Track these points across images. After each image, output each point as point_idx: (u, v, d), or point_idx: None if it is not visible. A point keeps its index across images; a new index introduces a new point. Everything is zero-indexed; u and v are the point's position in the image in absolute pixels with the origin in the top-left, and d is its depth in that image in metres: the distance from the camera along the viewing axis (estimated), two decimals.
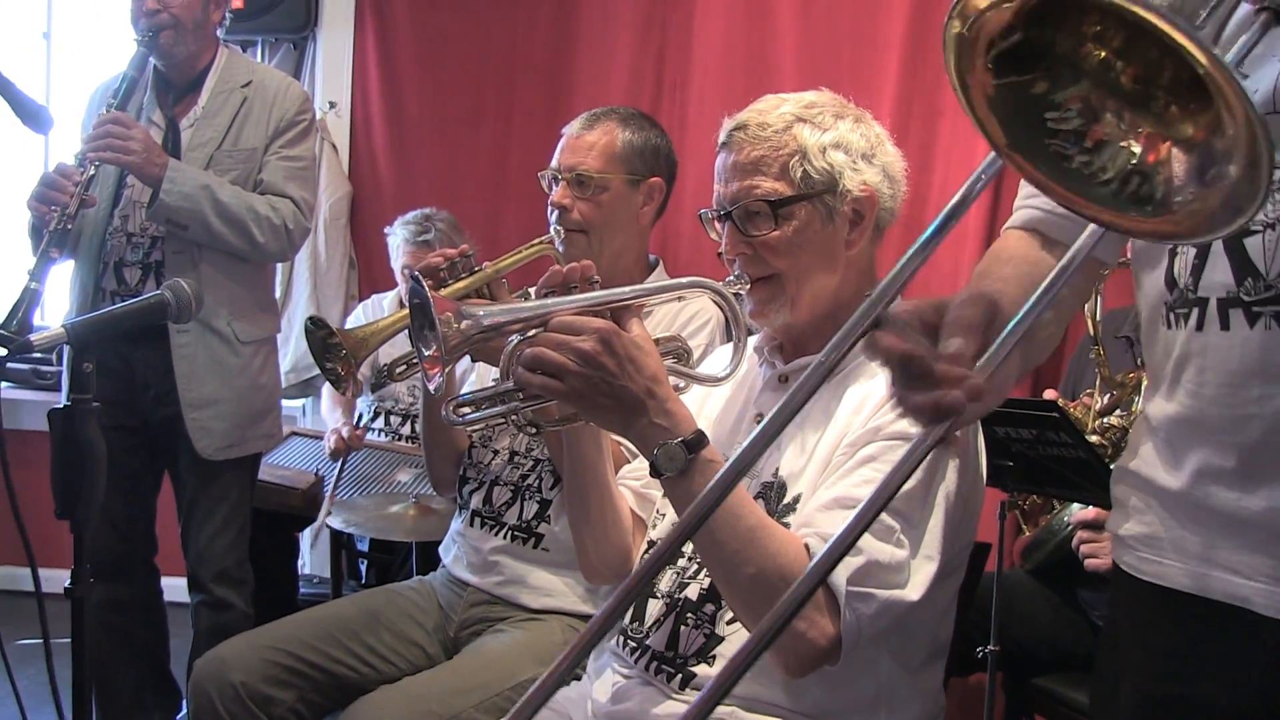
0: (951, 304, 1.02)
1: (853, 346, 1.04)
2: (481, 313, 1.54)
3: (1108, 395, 2.53)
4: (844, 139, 1.68)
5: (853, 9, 3.56)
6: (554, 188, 2.32)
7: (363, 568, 3.90)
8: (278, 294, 4.33)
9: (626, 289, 1.60)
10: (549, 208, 2.31)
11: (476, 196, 4.44)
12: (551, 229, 2.29)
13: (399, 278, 3.96)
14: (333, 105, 4.67)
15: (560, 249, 2.29)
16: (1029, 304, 0.99)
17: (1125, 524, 1.32)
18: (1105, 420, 2.45)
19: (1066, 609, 2.63)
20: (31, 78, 4.90)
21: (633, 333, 1.55)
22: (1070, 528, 2.46)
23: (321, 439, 3.64)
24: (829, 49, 3.61)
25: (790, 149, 1.67)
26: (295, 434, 3.79)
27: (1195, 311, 1.19)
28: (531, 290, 2.14)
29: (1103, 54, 0.83)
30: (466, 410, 1.62)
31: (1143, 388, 2.49)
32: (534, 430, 1.68)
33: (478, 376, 2.47)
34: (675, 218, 3.55)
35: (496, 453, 2.37)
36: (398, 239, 3.88)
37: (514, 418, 1.61)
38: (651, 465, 1.51)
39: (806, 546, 1.48)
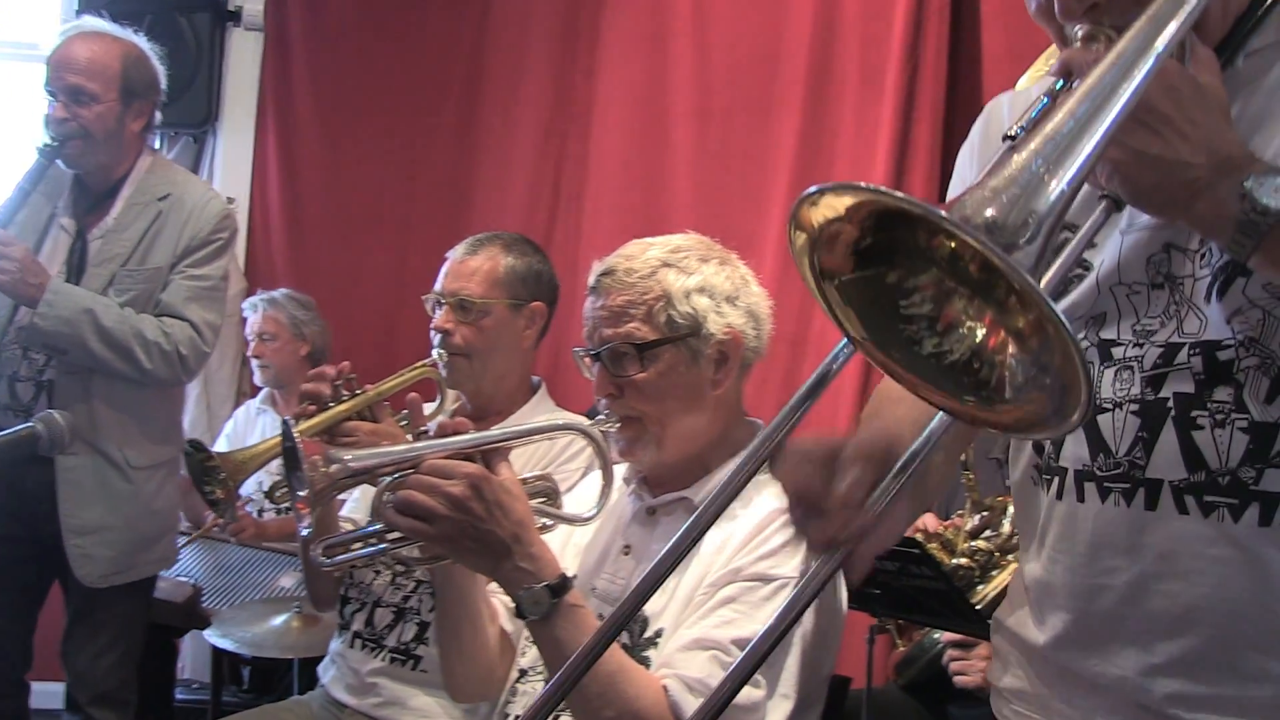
0: (849, 441, 1.08)
1: (727, 503, 1.14)
2: (350, 457, 1.58)
3: (978, 517, 2.62)
4: (708, 283, 1.76)
5: (746, 128, 3.70)
6: (437, 312, 2.37)
7: (245, 674, 3.82)
8: None
9: (496, 432, 1.66)
10: (432, 331, 2.36)
11: (375, 299, 4.46)
12: (434, 352, 2.34)
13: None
14: (231, 201, 4.65)
15: (443, 372, 2.33)
16: (914, 446, 1.05)
17: (1003, 677, 1.34)
18: (973, 544, 2.54)
19: None
20: None
21: (501, 476, 1.60)
22: (941, 645, 2.54)
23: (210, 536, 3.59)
24: (722, 166, 3.73)
25: (655, 294, 1.74)
26: (178, 533, 3.71)
27: (1056, 480, 1.23)
28: (425, 405, 2.18)
29: (952, 245, 0.88)
30: (336, 551, 1.64)
31: (1008, 512, 2.59)
32: (403, 569, 1.71)
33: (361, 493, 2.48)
34: (574, 331, 3.61)
35: (379, 572, 2.38)
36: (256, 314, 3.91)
37: (382, 559, 1.64)
38: (516, 607, 1.55)
39: (665, 688, 1.52)
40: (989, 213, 0.84)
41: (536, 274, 2.42)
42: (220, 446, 3.98)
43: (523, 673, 1.84)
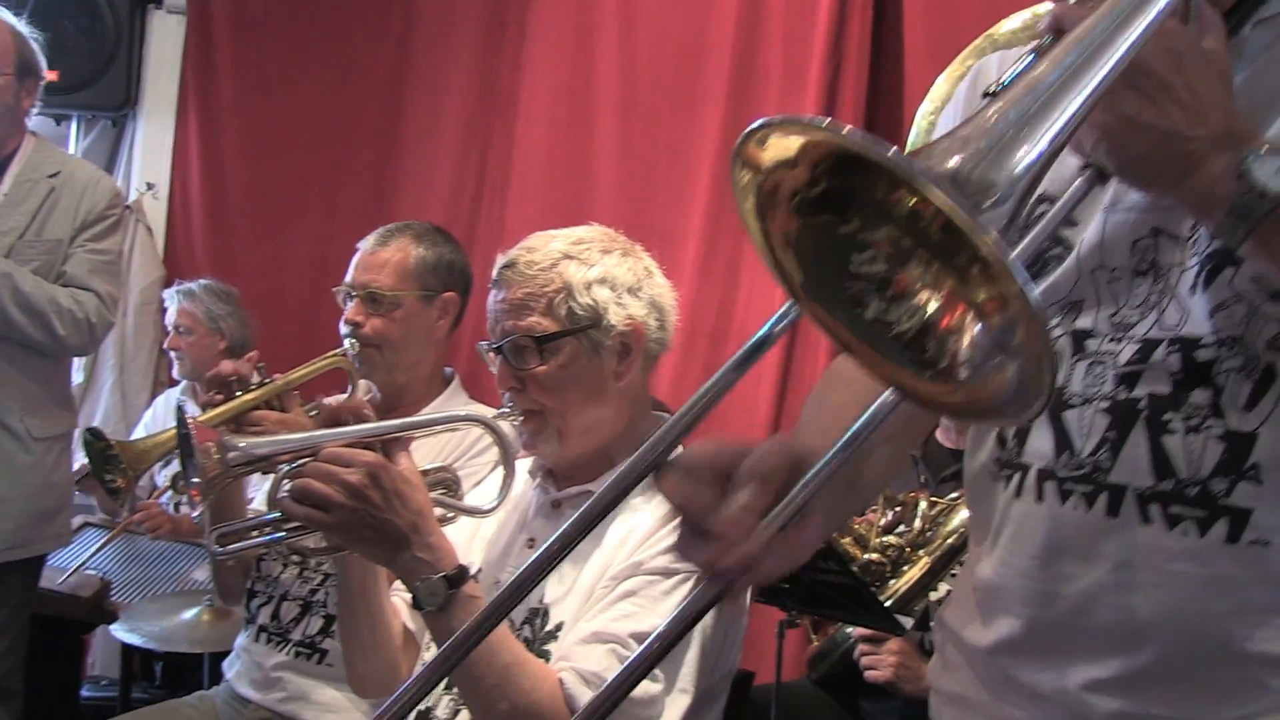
0: (749, 453, 0.92)
1: (628, 490, 0.98)
2: (245, 444, 1.55)
3: (891, 513, 2.65)
4: (609, 274, 1.75)
5: (670, 122, 3.70)
6: (348, 304, 2.35)
7: (158, 669, 3.75)
8: (80, 380, 4.21)
9: (396, 422, 1.64)
10: (343, 324, 2.34)
11: (298, 289, 4.40)
12: (346, 343, 2.31)
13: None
14: (150, 187, 4.59)
15: (355, 363, 2.31)
16: (830, 452, 0.90)
17: (941, 677, 1.27)
18: (885, 539, 2.57)
19: (849, 719, 2.72)
20: None
21: (401, 466, 1.58)
22: (853, 640, 2.56)
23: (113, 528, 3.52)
24: (646, 159, 3.73)
25: (556, 286, 1.73)
26: (89, 524, 3.64)
27: (1017, 476, 1.14)
28: (329, 400, 2.15)
29: (913, 200, 0.76)
30: (231, 540, 1.61)
31: (920, 509, 2.63)
32: (299, 559, 1.68)
33: None
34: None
35: (287, 565, 2.34)
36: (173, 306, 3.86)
37: (279, 548, 1.61)
38: (413, 598, 1.54)
39: (562, 681, 1.52)
40: (954, 161, 0.74)
41: (449, 264, 2.41)
42: (139, 433, 3.92)
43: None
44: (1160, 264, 1.06)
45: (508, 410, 1.75)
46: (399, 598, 1.86)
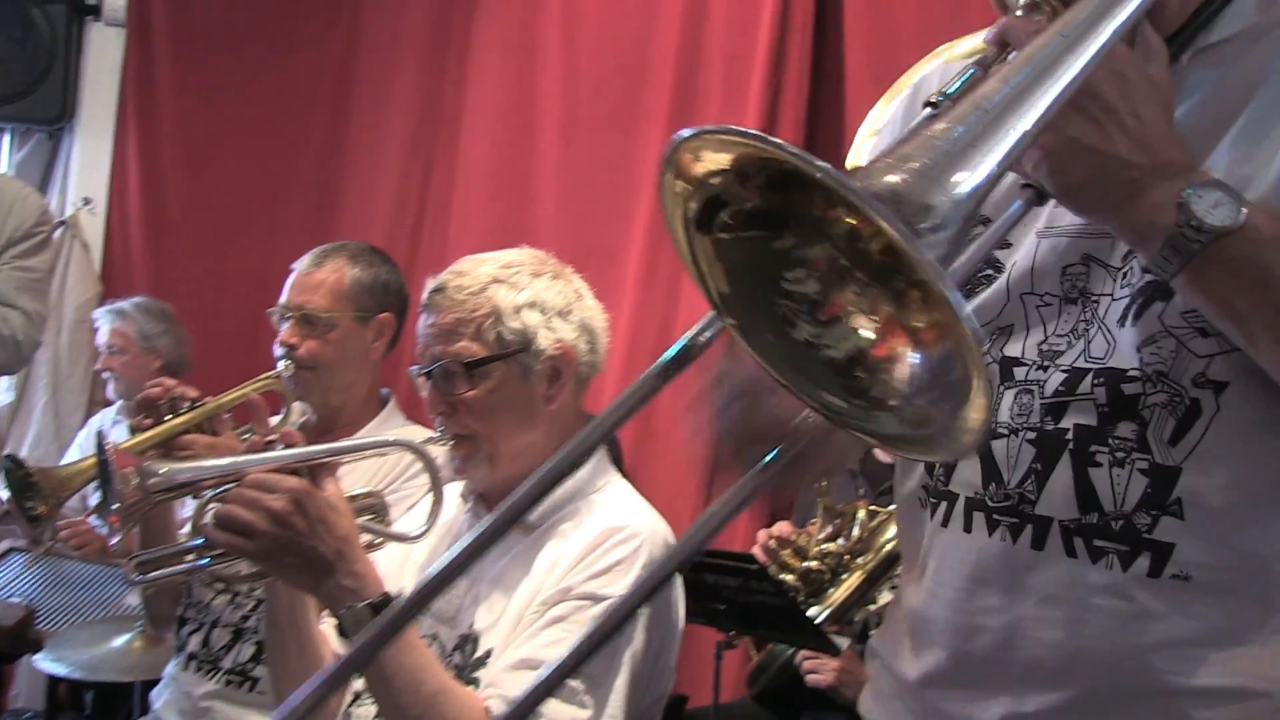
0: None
1: (542, 495, 0.93)
2: (167, 470, 1.53)
3: (830, 525, 2.66)
4: (539, 298, 1.75)
5: (611, 141, 3.70)
6: (283, 326, 2.33)
7: (88, 698, 3.66)
8: (9, 400, 4.14)
9: (323, 447, 1.63)
10: (277, 345, 2.31)
11: (239, 307, 4.33)
12: (280, 364, 2.29)
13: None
14: (87, 202, 4.52)
15: (289, 385, 2.28)
16: None
17: (873, 707, 1.25)
18: (824, 547, 2.57)
19: None
20: None
21: (327, 491, 1.56)
22: (791, 652, 2.57)
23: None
24: (587, 177, 3.73)
25: (485, 310, 1.72)
26: (14, 549, 3.55)
27: (944, 505, 1.12)
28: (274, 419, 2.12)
29: (851, 219, 0.73)
30: (152, 567, 1.59)
31: (859, 517, 2.63)
32: (222, 586, 1.66)
33: None
34: None
35: (219, 592, 2.30)
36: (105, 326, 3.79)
37: (200, 575, 1.59)
38: (338, 626, 1.52)
39: (488, 710, 1.50)
40: (892, 180, 0.71)
41: (384, 285, 2.39)
42: (73, 454, 3.86)
43: (356, 696, 1.79)
44: (1090, 292, 1.05)
45: (438, 436, 1.73)
46: (328, 626, 1.84)
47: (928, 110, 0.83)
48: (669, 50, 3.55)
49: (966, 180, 0.73)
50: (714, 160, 0.74)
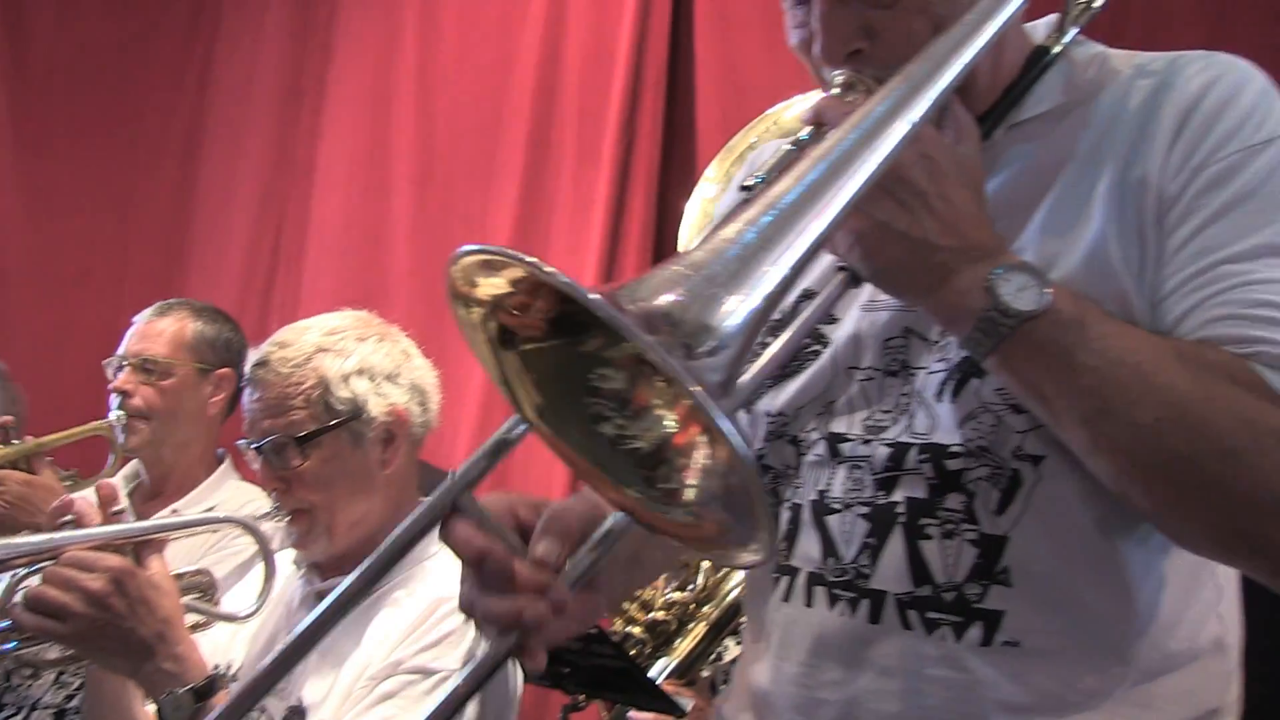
0: (553, 505, 0.94)
1: (387, 569, 0.93)
2: None
3: (678, 578, 2.67)
4: (366, 363, 1.73)
5: (466, 195, 3.70)
6: (119, 375, 2.28)
7: None
8: None
9: (150, 523, 1.60)
10: (110, 393, 2.26)
11: (82, 362, 4.17)
12: (112, 414, 2.24)
13: None
14: None
15: (120, 436, 2.23)
16: (609, 523, 0.91)
17: None
18: (670, 596, 2.58)
19: None
20: None
21: (151, 570, 1.53)
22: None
23: None
24: (442, 231, 3.71)
25: (312, 381, 1.70)
26: None
27: (786, 579, 1.12)
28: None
29: None
30: None
31: (704, 565, 2.65)
32: (30, 671, 1.60)
33: None
34: None
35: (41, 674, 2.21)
36: None
37: (4, 661, 1.53)
38: (158, 712, 1.48)
39: None
40: (669, 299, 0.70)
41: (226, 341, 2.36)
42: None
43: None
44: (910, 365, 1.07)
45: (271, 512, 1.70)
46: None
47: (742, 195, 0.85)
48: (524, 104, 3.57)
49: (749, 297, 0.72)
50: (497, 283, 0.76)
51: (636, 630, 2.31)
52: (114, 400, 2.27)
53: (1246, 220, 0.96)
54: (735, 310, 0.71)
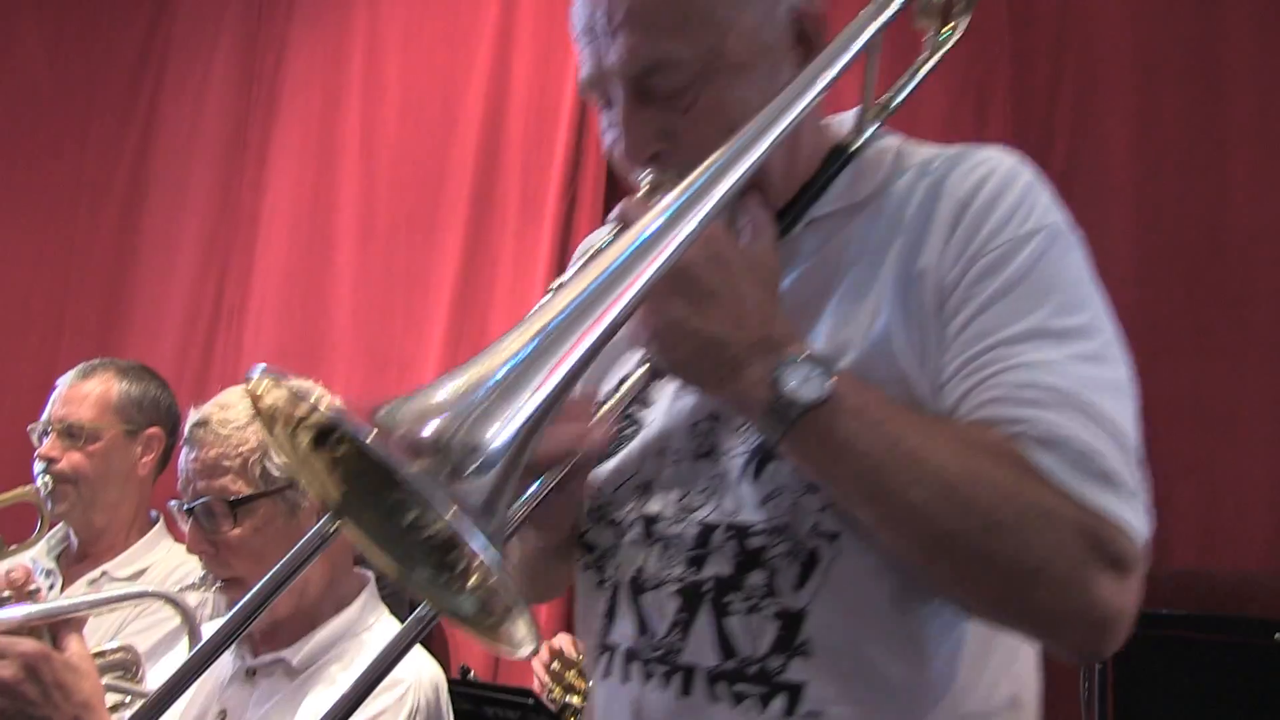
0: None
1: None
2: None
3: None
4: None
5: (409, 248, 3.71)
6: (44, 441, 2.24)
7: None
8: None
9: (68, 602, 1.56)
10: (36, 461, 2.23)
11: (16, 413, 4.10)
12: (38, 480, 2.20)
13: None
14: None
15: (47, 501, 2.19)
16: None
17: None
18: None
19: None
20: None
21: (70, 651, 1.50)
22: None
23: None
24: (385, 284, 3.72)
25: (250, 445, 1.68)
26: None
27: (606, 657, 1.15)
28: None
29: None
30: None
31: None
32: None
33: None
34: None
35: None
36: None
37: None
38: None
39: None
40: (437, 424, 0.76)
41: (154, 400, 2.34)
42: None
43: None
44: (718, 448, 1.11)
45: (197, 583, 1.68)
46: None
47: (548, 296, 0.90)
48: (467, 158, 3.59)
49: (514, 418, 0.78)
50: (280, 394, 0.82)
51: (576, 700, 2.31)
52: (39, 466, 2.22)
53: (1016, 305, 1.02)
54: (503, 430, 0.77)
